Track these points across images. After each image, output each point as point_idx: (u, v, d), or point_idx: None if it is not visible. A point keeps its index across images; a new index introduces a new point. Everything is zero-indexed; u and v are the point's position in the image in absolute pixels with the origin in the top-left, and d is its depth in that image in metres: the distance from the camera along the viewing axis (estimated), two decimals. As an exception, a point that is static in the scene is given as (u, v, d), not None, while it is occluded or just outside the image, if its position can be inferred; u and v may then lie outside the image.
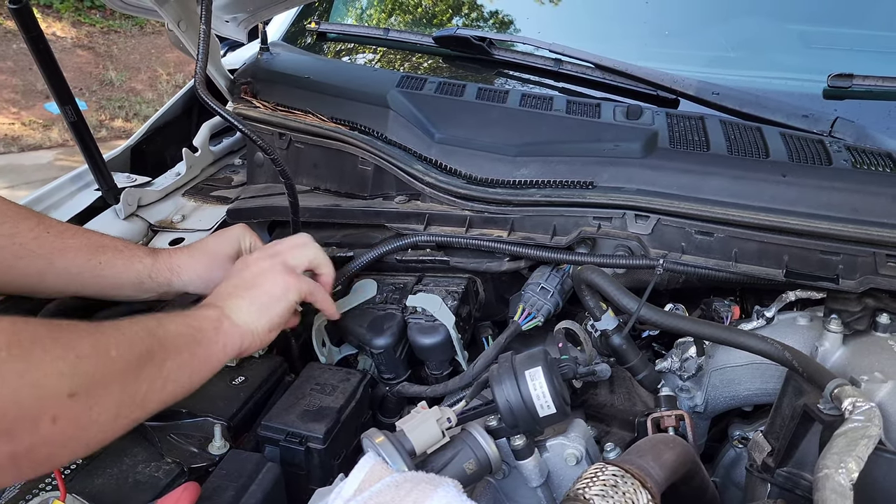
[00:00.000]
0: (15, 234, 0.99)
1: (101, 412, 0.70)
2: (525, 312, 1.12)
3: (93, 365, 0.69)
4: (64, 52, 6.86)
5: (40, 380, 0.63)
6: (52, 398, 0.64)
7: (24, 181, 4.97)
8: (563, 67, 1.50)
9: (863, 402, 0.73)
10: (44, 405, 0.64)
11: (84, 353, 0.69)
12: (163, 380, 0.78)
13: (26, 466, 0.65)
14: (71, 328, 0.71)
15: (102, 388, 0.70)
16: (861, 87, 1.30)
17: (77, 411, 0.67)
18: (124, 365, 0.73)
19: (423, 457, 0.84)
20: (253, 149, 1.44)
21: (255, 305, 0.95)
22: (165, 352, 0.79)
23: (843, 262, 1.02)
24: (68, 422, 0.66)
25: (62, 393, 0.65)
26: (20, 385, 0.62)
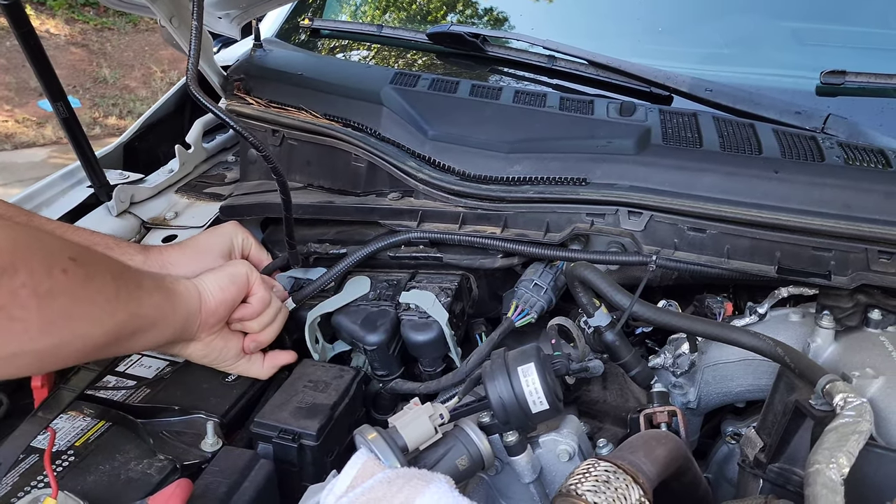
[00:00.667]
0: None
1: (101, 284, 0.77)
2: (518, 309, 1.12)
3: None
4: (57, 50, 6.83)
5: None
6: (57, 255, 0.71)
7: (18, 179, 4.95)
8: (557, 64, 1.49)
9: (854, 398, 0.73)
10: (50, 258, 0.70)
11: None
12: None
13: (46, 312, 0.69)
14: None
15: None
16: (853, 84, 1.30)
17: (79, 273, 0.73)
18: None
19: (415, 453, 0.84)
20: (246, 146, 1.43)
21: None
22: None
23: (836, 258, 1.03)
24: (75, 277, 0.72)
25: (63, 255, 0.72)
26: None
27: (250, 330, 1.06)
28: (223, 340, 1.02)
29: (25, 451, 0.89)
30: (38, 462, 0.88)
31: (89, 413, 0.98)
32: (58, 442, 0.92)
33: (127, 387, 1.04)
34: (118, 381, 1.05)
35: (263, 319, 1.06)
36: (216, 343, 1.01)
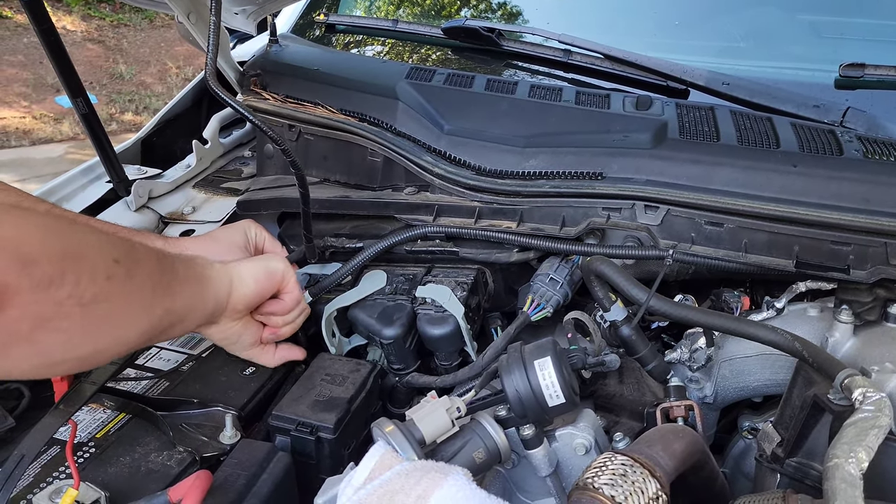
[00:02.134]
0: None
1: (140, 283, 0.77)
2: (534, 303, 1.12)
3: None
4: (74, 46, 6.88)
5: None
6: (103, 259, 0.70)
7: (35, 175, 4.99)
8: (572, 58, 1.49)
9: (873, 393, 0.73)
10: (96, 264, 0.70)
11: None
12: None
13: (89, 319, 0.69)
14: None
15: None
16: (873, 77, 1.28)
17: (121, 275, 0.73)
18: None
19: (432, 446, 0.84)
20: (263, 141, 1.44)
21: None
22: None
23: (854, 252, 1.02)
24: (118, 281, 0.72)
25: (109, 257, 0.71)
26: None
27: (274, 325, 1.07)
28: (243, 327, 1.03)
29: (48, 442, 0.90)
30: (60, 453, 0.89)
31: (110, 405, 0.99)
32: (79, 434, 0.93)
33: (147, 379, 1.05)
34: (138, 373, 1.06)
35: (289, 317, 1.07)
36: (236, 329, 1.02)
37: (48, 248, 0.65)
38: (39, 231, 0.65)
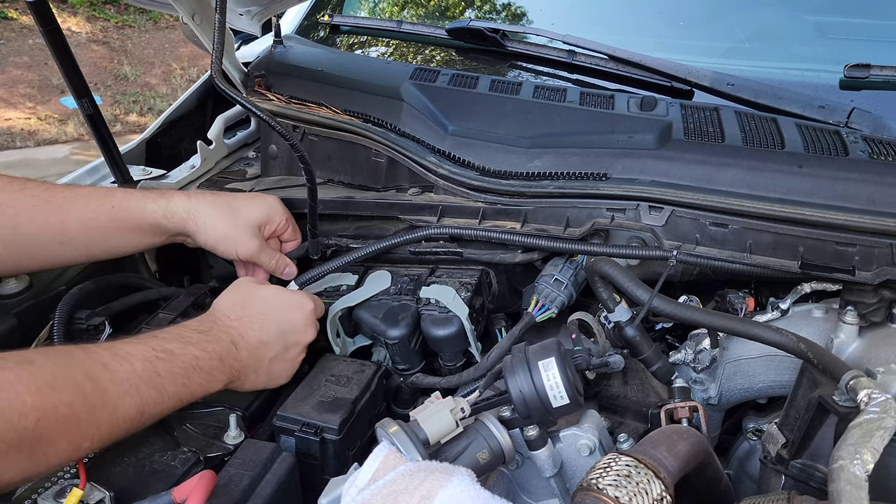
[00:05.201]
0: (25, 188, 1.03)
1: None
2: (539, 304, 1.12)
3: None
4: (79, 48, 6.89)
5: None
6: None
7: (41, 175, 4.98)
8: (577, 59, 1.49)
9: (878, 394, 0.72)
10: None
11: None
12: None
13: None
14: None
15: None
16: (878, 78, 1.28)
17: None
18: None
19: (436, 446, 0.84)
20: (267, 141, 1.44)
21: (275, 364, 1.01)
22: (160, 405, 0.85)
23: (860, 253, 1.01)
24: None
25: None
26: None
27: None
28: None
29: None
30: (65, 453, 0.89)
31: (115, 405, 0.99)
32: (84, 434, 0.93)
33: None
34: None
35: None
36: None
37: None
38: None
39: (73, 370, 0.76)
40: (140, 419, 0.82)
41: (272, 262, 1.17)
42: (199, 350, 0.90)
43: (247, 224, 1.14)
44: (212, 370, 0.91)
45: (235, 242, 1.14)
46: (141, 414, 0.81)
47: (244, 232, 1.13)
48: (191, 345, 0.90)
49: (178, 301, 1.16)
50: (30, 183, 1.05)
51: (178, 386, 0.86)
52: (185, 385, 0.87)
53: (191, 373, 0.88)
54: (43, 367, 0.73)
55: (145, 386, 0.82)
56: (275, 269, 1.18)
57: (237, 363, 0.95)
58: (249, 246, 1.14)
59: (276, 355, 1.00)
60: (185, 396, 0.87)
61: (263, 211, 1.16)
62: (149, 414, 0.83)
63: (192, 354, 0.89)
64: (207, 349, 0.91)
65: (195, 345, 0.90)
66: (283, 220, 1.20)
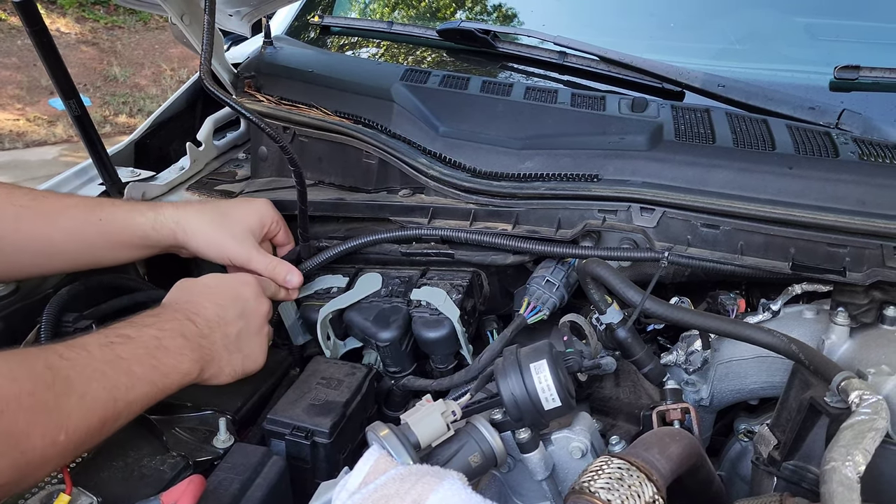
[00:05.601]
0: (12, 196, 1.02)
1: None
2: (530, 306, 1.12)
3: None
4: (68, 49, 6.86)
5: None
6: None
7: (29, 177, 4.97)
8: (568, 60, 1.49)
9: (870, 395, 0.72)
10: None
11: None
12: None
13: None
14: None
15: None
16: (868, 79, 1.29)
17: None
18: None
19: (427, 450, 0.84)
20: (257, 143, 1.43)
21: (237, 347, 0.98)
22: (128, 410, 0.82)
23: (850, 254, 1.02)
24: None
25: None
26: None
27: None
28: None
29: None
30: (52, 458, 0.88)
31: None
32: (71, 438, 0.92)
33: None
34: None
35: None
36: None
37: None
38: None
39: (29, 362, 0.74)
40: (115, 407, 0.79)
41: (267, 268, 1.14)
42: (156, 330, 0.88)
43: (238, 230, 1.13)
44: (179, 349, 0.88)
45: (227, 250, 1.12)
46: (115, 400, 0.78)
47: (235, 239, 1.12)
48: (146, 326, 0.88)
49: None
50: (17, 191, 1.03)
51: (147, 367, 0.83)
52: (155, 367, 0.84)
53: (155, 353, 0.85)
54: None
55: (110, 369, 0.79)
56: (272, 274, 1.13)
57: (204, 340, 0.92)
58: (241, 253, 1.13)
59: (239, 330, 0.98)
60: (160, 380, 0.84)
61: (254, 216, 1.15)
62: (125, 400, 0.80)
63: (151, 335, 0.87)
64: (164, 328, 0.89)
65: (150, 325, 0.88)
66: (275, 223, 1.19)
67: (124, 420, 0.81)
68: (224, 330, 0.96)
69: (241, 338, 0.99)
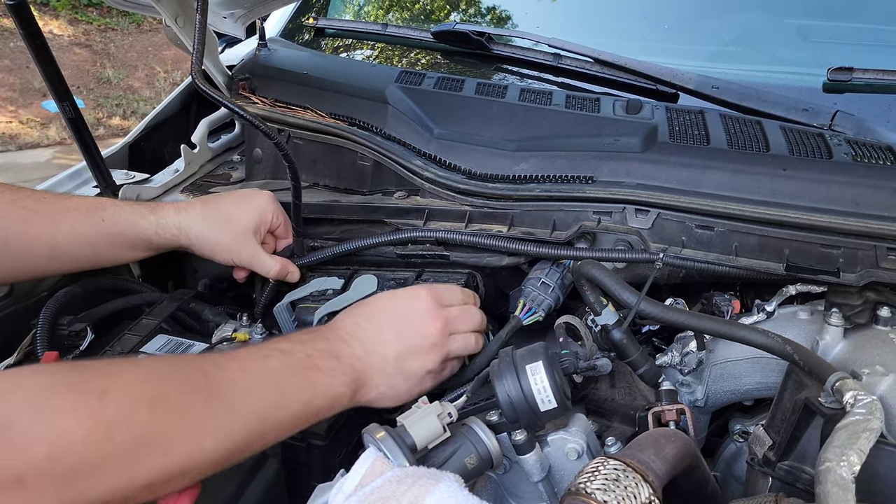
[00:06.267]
0: (16, 198, 1.01)
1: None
2: (526, 307, 1.12)
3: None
4: (61, 51, 6.84)
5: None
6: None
7: (23, 179, 4.95)
8: (562, 62, 1.49)
9: (864, 396, 0.73)
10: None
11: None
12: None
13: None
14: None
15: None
16: (861, 81, 1.29)
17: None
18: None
19: (423, 452, 0.83)
20: (252, 145, 1.43)
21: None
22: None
23: (844, 255, 1.02)
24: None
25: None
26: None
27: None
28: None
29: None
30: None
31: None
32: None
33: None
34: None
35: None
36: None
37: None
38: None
39: (182, 364, 0.72)
40: (262, 426, 0.75)
41: (269, 268, 1.15)
42: (309, 349, 0.85)
43: (240, 231, 1.13)
44: (332, 370, 0.85)
45: (230, 252, 1.14)
46: (264, 418, 0.75)
47: (237, 240, 1.13)
48: (300, 343, 0.85)
49: (162, 306, 1.15)
50: (21, 192, 1.03)
51: (300, 388, 0.80)
52: (307, 387, 0.81)
53: (308, 372, 0.82)
54: (149, 363, 0.70)
55: (262, 384, 0.76)
56: (276, 274, 1.15)
57: (358, 362, 0.89)
58: (244, 254, 1.14)
59: (399, 352, 0.93)
60: (311, 401, 0.81)
61: (255, 214, 1.16)
62: (274, 419, 0.76)
63: (304, 353, 0.84)
64: (318, 346, 0.86)
65: (304, 343, 0.86)
66: (276, 217, 1.19)
67: (273, 439, 0.78)
68: (382, 350, 0.92)
69: (402, 359, 0.94)
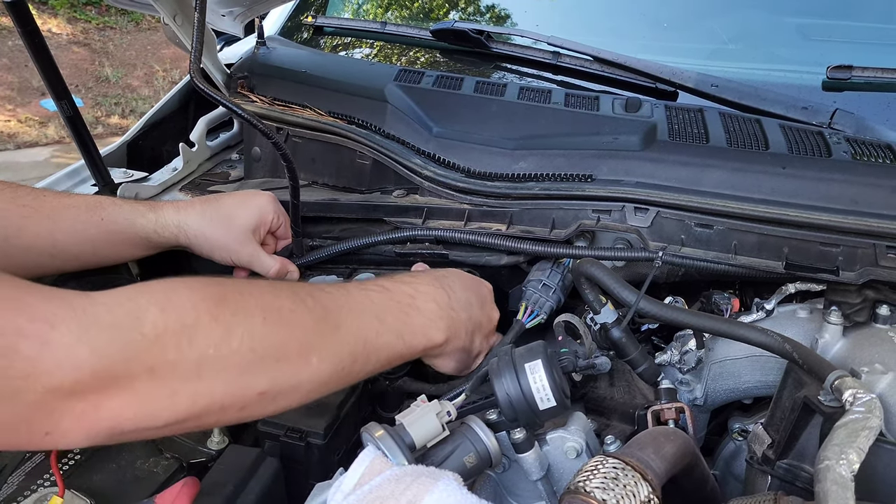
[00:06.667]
0: (16, 196, 1.01)
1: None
2: (528, 311, 1.12)
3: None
4: (59, 49, 6.83)
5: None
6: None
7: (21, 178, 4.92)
8: (562, 60, 1.49)
9: (863, 394, 0.72)
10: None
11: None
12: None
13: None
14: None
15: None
16: (860, 79, 1.29)
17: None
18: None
19: (422, 450, 0.83)
20: (250, 143, 1.43)
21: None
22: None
23: (843, 253, 1.02)
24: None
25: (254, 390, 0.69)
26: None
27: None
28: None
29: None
30: (44, 461, 0.88)
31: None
32: (64, 440, 0.92)
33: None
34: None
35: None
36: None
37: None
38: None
39: (293, 287, 0.76)
40: (365, 348, 0.79)
41: (269, 268, 1.15)
42: (411, 289, 0.87)
43: (240, 231, 1.13)
44: (430, 313, 0.87)
45: (230, 252, 1.13)
46: (364, 342, 0.79)
47: (237, 240, 1.12)
48: (402, 283, 0.87)
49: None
50: (20, 190, 1.03)
51: (398, 321, 0.83)
52: (405, 322, 0.84)
53: (408, 309, 0.85)
54: (262, 283, 0.75)
55: (365, 311, 0.80)
56: (275, 274, 1.15)
57: (453, 312, 0.90)
58: (243, 254, 1.13)
59: (476, 326, 0.97)
60: (407, 335, 0.84)
61: (255, 214, 1.15)
62: (374, 344, 0.80)
63: (406, 292, 0.86)
64: (420, 289, 0.88)
65: (408, 284, 0.88)
66: (276, 217, 1.18)
67: (371, 368, 0.81)
68: (469, 313, 0.95)
69: (473, 333, 0.98)
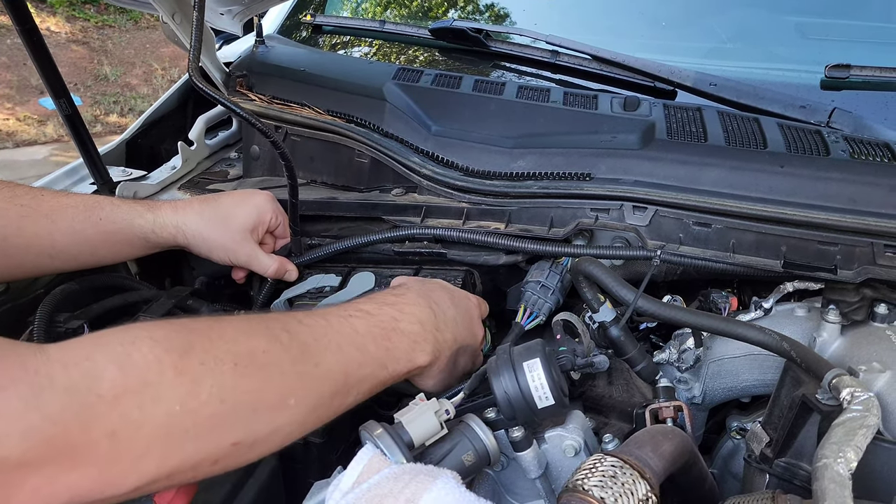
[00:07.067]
0: (14, 196, 1.01)
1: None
2: (527, 312, 1.12)
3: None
4: (58, 48, 6.83)
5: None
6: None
7: (19, 177, 4.93)
8: (560, 59, 1.49)
9: (861, 392, 0.73)
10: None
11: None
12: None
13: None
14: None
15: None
16: (858, 78, 1.29)
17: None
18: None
19: (421, 449, 0.83)
20: (249, 142, 1.43)
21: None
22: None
23: (841, 252, 1.02)
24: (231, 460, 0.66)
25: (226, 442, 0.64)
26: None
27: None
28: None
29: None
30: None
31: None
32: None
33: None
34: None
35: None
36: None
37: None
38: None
39: (267, 323, 0.72)
40: (346, 382, 0.76)
41: (268, 268, 1.16)
42: (396, 311, 0.84)
43: (237, 231, 1.13)
44: (415, 336, 0.85)
45: (228, 252, 1.13)
46: (346, 376, 0.75)
47: (235, 240, 1.12)
48: (387, 305, 0.85)
49: (160, 304, 1.14)
50: (18, 189, 1.03)
51: (381, 348, 0.80)
52: (388, 349, 0.81)
53: (391, 335, 0.82)
54: (233, 320, 0.70)
55: (346, 343, 0.76)
56: (274, 273, 1.16)
57: (438, 334, 0.88)
58: (241, 253, 1.14)
59: (461, 345, 0.94)
60: (389, 363, 0.81)
61: (253, 213, 1.15)
62: (355, 376, 0.77)
63: (390, 315, 0.83)
64: (405, 310, 0.85)
65: (392, 305, 0.85)
66: (275, 217, 1.18)
67: (352, 400, 0.78)
68: (454, 332, 0.93)
69: (458, 353, 0.95)
